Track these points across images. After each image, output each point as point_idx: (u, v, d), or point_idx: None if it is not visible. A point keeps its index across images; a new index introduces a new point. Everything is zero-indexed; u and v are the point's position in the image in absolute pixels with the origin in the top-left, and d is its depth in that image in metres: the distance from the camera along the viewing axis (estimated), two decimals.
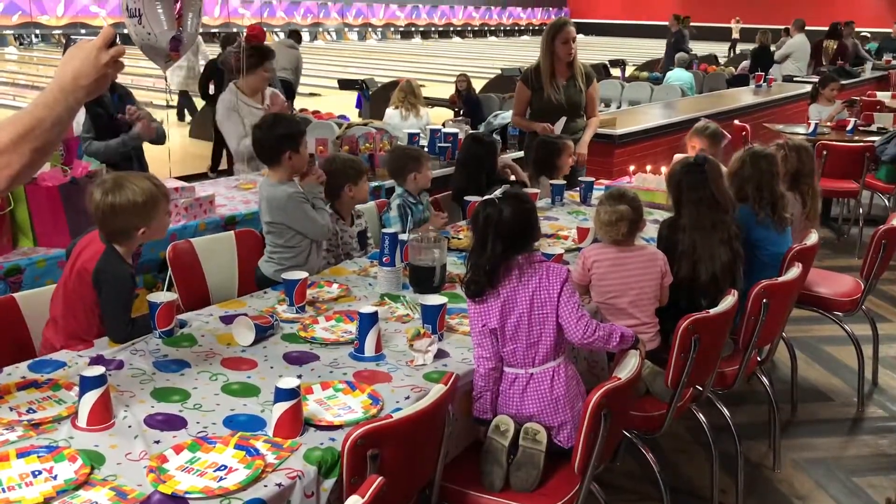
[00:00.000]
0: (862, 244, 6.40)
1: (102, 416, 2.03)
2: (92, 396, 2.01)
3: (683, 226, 3.15)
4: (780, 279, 3.11)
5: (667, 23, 16.20)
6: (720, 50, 18.11)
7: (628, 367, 2.31)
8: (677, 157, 5.11)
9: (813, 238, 3.61)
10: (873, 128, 7.33)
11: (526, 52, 24.61)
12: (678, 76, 12.81)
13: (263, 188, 3.32)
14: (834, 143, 6.50)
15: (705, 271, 3.08)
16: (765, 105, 9.38)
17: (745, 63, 14.98)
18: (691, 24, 15.91)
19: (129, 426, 2.03)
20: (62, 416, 2.06)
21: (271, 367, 2.40)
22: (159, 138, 4.38)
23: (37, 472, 1.81)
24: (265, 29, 10.25)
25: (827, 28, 12.96)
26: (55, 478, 1.79)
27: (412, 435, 2.02)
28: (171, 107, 11.91)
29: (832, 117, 7.56)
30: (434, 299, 2.63)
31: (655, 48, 20.73)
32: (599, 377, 2.90)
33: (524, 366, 2.38)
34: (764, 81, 10.59)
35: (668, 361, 2.72)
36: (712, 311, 2.74)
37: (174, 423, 2.07)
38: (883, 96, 9.60)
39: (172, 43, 2.03)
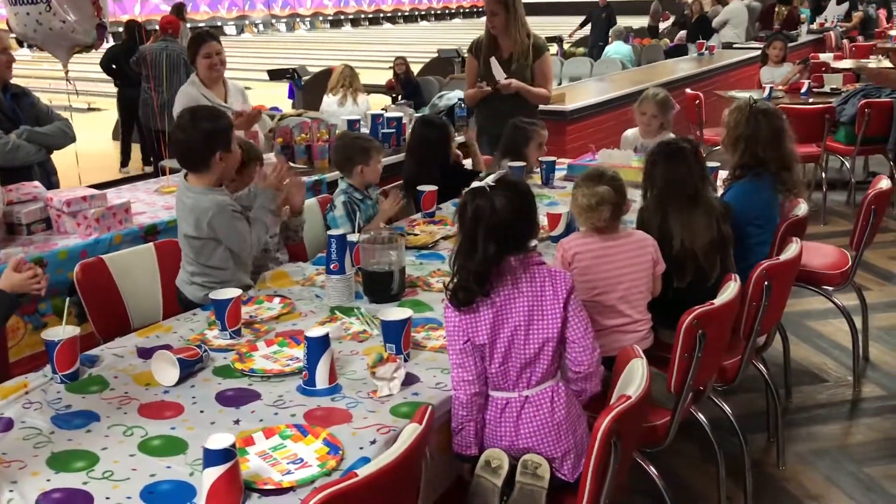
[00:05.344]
0: (827, 210, 6.18)
1: None
2: None
3: (651, 200, 2.81)
4: (782, 258, 2.77)
5: None
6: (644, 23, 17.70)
7: (635, 380, 1.92)
8: (628, 132, 4.79)
9: (803, 208, 3.30)
10: (826, 89, 7.14)
11: (459, 35, 24.12)
12: (617, 49, 12.56)
13: (185, 196, 2.74)
14: (793, 106, 6.24)
15: (678, 244, 2.71)
16: (712, 73, 9.17)
17: (682, 33, 14.80)
18: None
19: None
20: None
21: (201, 412, 1.96)
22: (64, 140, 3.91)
23: None
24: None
25: None
26: None
27: (384, 492, 1.60)
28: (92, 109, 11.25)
29: (788, 80, 7.33)
30: (394, 313, 2.20)
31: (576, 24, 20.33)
32: None
33: (517, 388, 1.98)
34: (706, 49, 10.40)
35: (671, 363, 2.35)
36: (717, 301, 2.38)
37: (76, 502, 1.61)
38: (826, 58, 9.47)
39: (99, 31, 1.68)
